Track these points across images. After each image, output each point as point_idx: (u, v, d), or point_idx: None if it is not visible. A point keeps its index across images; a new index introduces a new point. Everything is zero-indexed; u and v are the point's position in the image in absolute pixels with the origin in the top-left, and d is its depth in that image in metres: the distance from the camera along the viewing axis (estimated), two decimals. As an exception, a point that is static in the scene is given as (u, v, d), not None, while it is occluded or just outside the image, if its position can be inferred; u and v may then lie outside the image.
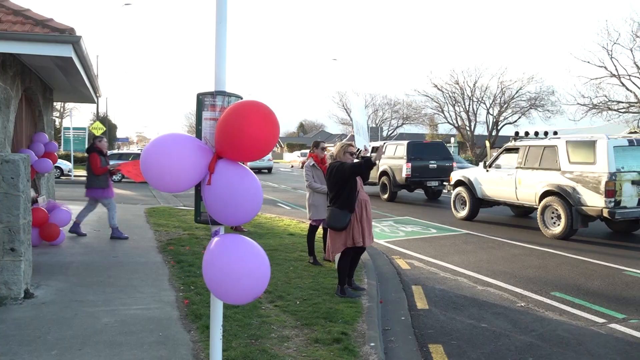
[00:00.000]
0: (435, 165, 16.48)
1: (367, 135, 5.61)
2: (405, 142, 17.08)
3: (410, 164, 16.10)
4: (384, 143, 18.16)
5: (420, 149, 16.80)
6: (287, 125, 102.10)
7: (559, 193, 9.78)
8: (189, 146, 2.51)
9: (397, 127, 58.49)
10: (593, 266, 7.59)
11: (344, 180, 5.55)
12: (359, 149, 5.45)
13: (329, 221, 5.67)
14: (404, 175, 16.13)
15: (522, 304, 5.75)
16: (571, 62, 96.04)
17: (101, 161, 8.33)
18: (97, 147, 8.50)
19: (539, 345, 4.55)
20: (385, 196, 16.84)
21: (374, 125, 53.64)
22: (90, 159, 8.32)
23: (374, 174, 17.61)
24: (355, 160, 5.63)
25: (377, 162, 5.21)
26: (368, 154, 5.32)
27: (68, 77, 8.10)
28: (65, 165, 24.53)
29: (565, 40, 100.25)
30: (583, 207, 9.40)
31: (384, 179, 17.00)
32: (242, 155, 2.52)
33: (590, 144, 9.54)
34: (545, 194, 10.11)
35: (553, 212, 9.97)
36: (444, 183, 15.79)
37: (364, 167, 5.36)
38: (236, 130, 2.41)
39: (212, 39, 2.67)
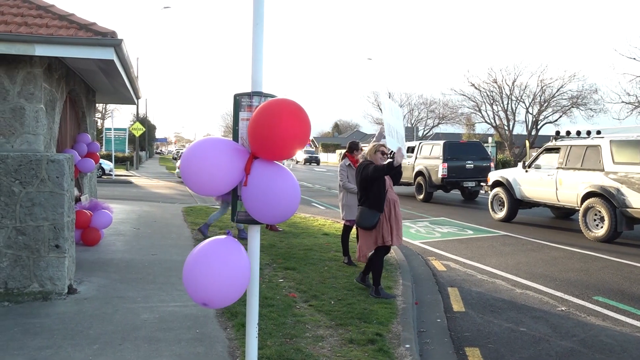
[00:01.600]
0: (472, 166, 16.21)
1: (401, 137, 5.50)
2: (441, 142, 16.82)
3: (446, 164, 15.85)
4: (420, 143, 17.99)
5: (457, 149, 16.54)
6: (321, 126, 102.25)
7: (603, 194, 9.47)
8: (226, 151, 2.54)
9: (433, 126, 57.78)
10: (638, 270, 7.31)
11: (368, 181, 5.58)
12: (392, 151, 5.37)
13: (358, 220, 5.70)
14: (440, 175, 15.88)
15: (563, 308, 5.59)
16: (615, 58, 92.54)
17: None
18: None
19: (580, 351, 4.41)
20: (421, 197, 16.64)
21: (409, 125, 53.15)
22: None
23: (408, 174, 17.45)
24: (387, 161, 5.59)
25: (397, 165, 5.17)
26: (402, 156, 5.23)
27: (110, 79, 8.33)
28: (107, 165, 25.20)
29: (609, 36, 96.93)
30: (628, 209, 9.07)
31: (419, 179, 16.78)
32: (274, 153, 2.53)
33: (637, 144, 9.20)
34: (588, 195, 9.81)
35: (596, 214, 9.66)
36: (481, 184, 15.53)
37: (385, 170, 5.40)
38: (267, 129, 2.42)
39: (249, 40, 2.69)
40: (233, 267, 2.50)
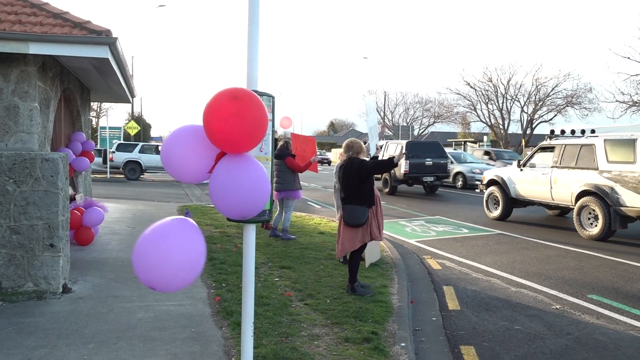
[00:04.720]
0: (430, 162, 18.00)
1: (374, 132, 6.26)
2: (404, 142, 19.22)
3: (408, 161, 17.60)
4: (386, 142, 20.07)
5: (418, 148, 18.68)
6: (317, 124, 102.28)
7: (597, 193, 9.51)
8: (199, 138, 2.45)
9: (429, 125, 57.89)
10: (632, 269, 7.36)
11: (365, 177, 5.58)
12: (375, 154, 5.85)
13: (348, 218, 5.59)
14: (402, 171, 17.63)
15: (557, 307, 5.62)
16: (610, 57, 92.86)
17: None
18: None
19: (575, 349, 4.44)
20: (387, 190, 18.31)
21: (405, 124, 53.25)
22: (288, 163, 8.72)
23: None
24: (369, 159, 6.08)
25: (397, 161, 5.47)
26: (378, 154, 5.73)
27: (105, 78, 8.30)
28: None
29: (603, 35, 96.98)
30: (622, 208, 9.12)
31: (385, 174, 18.51)
32: (226, 144, 2.37)
33: (630, 143, 9.24)
34: (582, 194, 9.85)
35: (590, 213, 9.71)
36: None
37: (387, 166, 5.56)
38: (205, 120, 2.33)
39: (244, 39, 2.70)
40: (186, 250, 2.49)
